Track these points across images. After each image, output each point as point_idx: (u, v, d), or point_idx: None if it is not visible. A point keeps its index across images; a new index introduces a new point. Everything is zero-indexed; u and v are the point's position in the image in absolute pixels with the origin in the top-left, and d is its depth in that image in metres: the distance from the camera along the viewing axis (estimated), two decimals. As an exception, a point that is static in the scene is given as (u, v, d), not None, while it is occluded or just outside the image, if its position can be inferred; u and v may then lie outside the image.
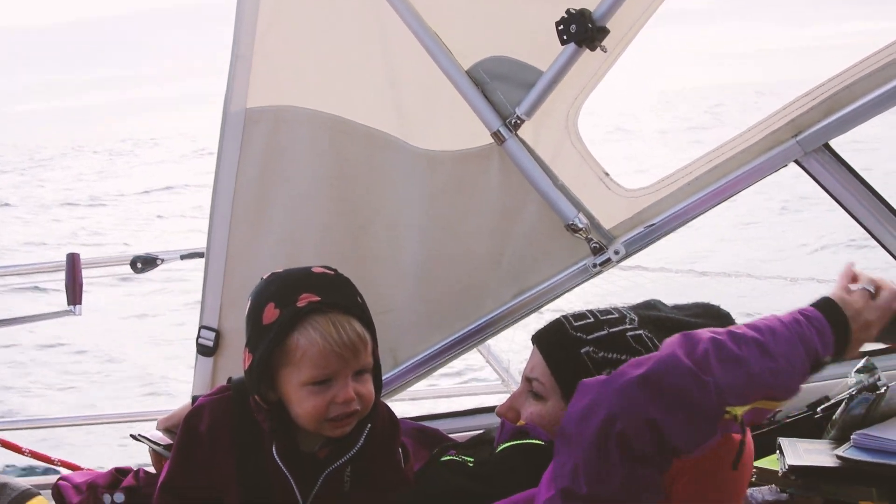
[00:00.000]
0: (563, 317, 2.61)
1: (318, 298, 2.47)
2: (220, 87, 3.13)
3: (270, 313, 2.47)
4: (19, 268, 4.79)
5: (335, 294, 2.52)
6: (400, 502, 2.38)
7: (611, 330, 2.51)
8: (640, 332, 2.51)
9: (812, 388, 3.16)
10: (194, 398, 2.98)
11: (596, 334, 2.51)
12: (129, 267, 4.36)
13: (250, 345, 2.52)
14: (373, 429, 2.62)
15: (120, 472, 3.03)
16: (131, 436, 3.14)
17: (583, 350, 2.48)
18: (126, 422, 4.96)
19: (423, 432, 3.16)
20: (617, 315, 2.57)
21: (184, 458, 2.63)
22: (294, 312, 2.44)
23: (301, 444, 2.58)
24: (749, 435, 2.41)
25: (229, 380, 2.72)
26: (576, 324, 2.55)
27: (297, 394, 2.47)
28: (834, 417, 2.78)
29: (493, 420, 3.02)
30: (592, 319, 2.55)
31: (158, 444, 3.00)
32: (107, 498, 2.87)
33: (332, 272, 2.60)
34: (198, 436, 2.61)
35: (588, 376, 2.44)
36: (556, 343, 2.55)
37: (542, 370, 2.53)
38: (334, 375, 2.44)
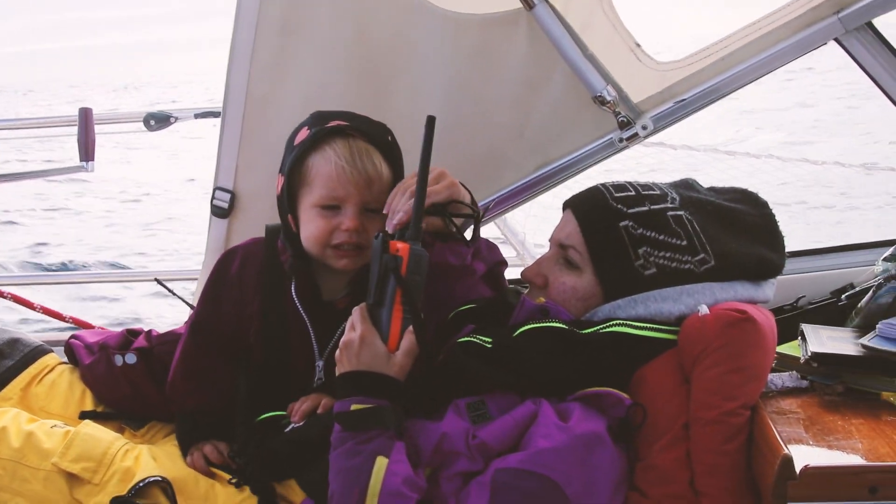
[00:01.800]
0: (602, 185, 2.55)
1: (346, 124, 2.52)
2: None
3: (302, 135, 2.54)
4: (31, 121, 4.73)
5: (365, 125, 2.57)
6: (415, 386, 2.34)
7: (652, 207, 2.45)
8: (682, 212, 2.44)
9: (837, 274, 3.13)
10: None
11: (637, 209, 2.44)
12: (141, 124, 4.31)
13: (282, 168, 2.57)
14: None
15: (131, 334, 3.04)
16: (156, 280, 3.14)
17: (622, 224, 2.43)
18: (144, 280, 4.99)
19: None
20: (658, 192, 2.50)
21: (213, 299, 2.69)
22: (318, 131, 2.49)
23: (322, 292, 2.61)
24: (772, 318, 2.38)
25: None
26: (616, 195, 2.49)
27: (306, 214, 2.52)
28: (859, 305, 2.73)
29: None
30: (633, 193, 2.49)
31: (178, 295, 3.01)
32: (118, 359, 2.87)
33: (376, 120, 2.63)
34: (228, 277, 2.66)
35: (624, 252, 2.39)
36: (593, 212, 2.49)
37: (578, 238, 2.48)
38: (343, 202, 2.48)
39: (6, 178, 4.64)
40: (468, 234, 2.69)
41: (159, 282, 3.14)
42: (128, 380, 2.84)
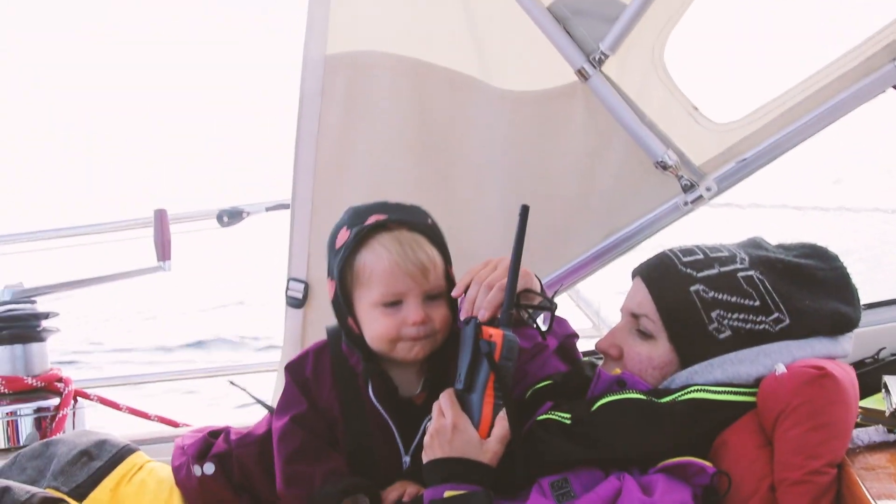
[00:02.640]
0: (670, 251, 2.55)
1: (385, 216, 2.48)
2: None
3: (342, 236, 2.50)
4: (107, 226, 4.83)
5: (403, 214, 2.52)
6: (499, 467, 2.34)
7: (722, 269, 2.44)
8: (752, 272, 2.43)
9: (918, 324, 3.08)
10: (270, 409, 2.86)
11: (706, 272, 2.44)
12: (215, 221, 4.40)
13: (330, 273, 2.53)
14: None
15: (212, 435, 2.97)
16: (230, 382, 3.11)
17: (692, 288, 2.42)
18: (220, 375, 5.03)
19: None
20: (727, 253, 2.49)
21: (299, 400, 2.61)
22: (360, 230, 2.45)
23: (398, 389, 2.56)
24: (852, 372, 2.35)
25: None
26: (685, 259, 2.48)
27: (368, 315, 2.47)
28: (942, 354, 2.68)
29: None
30: (702, 256, 2.48)
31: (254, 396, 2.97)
32: (196, 469, 2.82)
33: (409, 204, 2.60)
34: (305, 380, 2.62)
35: (697, 317, 2.38)
36: (663, 278, 2.48)
37: (650, 307, 2.47)
38: (404, 296, 2.43)
39: (86, 282, 4.73)
40: (541, 323, 2.67)
41: (232, 383, 3.12)
42: (206, 489, 2.80)
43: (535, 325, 2.55)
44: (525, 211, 2.32)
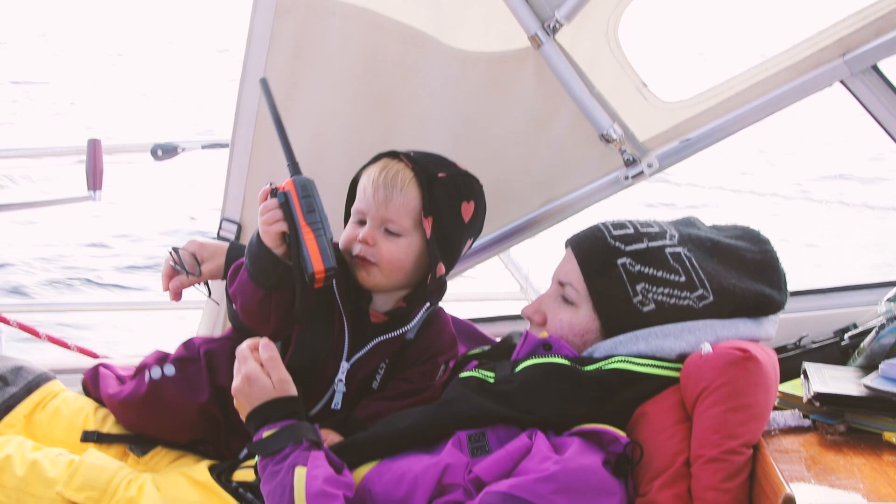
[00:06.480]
0: (602, 224, 2.59)
1: (408, 152, 2.65)
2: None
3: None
4: (38, 150, 4.76)
5: (422, 156, 2.66)
6: (418, 419, 2.36)
7: (650, 244, 2.48)
8: (680, 249, 2.47)
9: (840, 314, 3.14)
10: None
11: (635, 246, 2.48)
12: (149, 154, 4.33)
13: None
14: (428, 324, 2.72)
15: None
16: (173, 248, 2.94)
17: (619, 261, 2.46)
18: (150, 309, 4.98)
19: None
20: (657, 229, 2.53)
21: None
22: (379, 154, 2.68)
23: (373, 301, 2.66)
24: (775, 356, 2.39)
25: None
26: (615, 232, 2.52)
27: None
28: (862, 345, 2.73)
29: (511, 328, 2.99)
30: (632, 230, 2.52)
31: (182, 266, 2.88)
32: (155, 371, 2.76)
33: (442, 157, 2.73)
34: None
35: (622, 289, 2.42)
36: (592, 249, 2.52)
37: (576, 276, 2.51)
38: (365, 216, 2.58)
39: (12, 206, 4.65)
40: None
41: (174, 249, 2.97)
42: (156, 395, 2.72)
43: None
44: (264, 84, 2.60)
